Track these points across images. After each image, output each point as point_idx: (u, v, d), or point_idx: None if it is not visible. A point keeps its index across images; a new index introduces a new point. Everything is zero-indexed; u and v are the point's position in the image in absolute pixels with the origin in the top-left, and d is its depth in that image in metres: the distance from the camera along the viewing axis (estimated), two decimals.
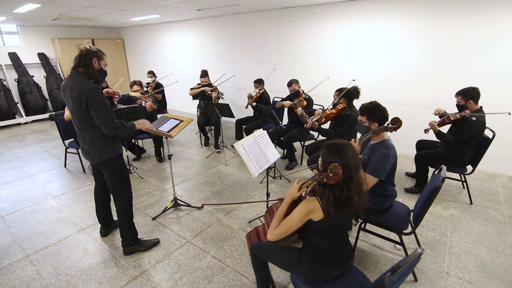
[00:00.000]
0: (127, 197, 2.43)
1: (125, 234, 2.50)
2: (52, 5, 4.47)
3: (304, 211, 1.47)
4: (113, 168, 2.32)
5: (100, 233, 2.76)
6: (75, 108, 2.09)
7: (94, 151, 2.23)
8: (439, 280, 2.20)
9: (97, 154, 2.23)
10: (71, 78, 2.09)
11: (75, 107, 2.08)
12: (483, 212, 3.11)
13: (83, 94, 2.00)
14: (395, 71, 4.44)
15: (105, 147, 2.23)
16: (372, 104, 2.21)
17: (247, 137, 2.46)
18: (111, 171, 2.33)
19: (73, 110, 2.13)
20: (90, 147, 2.23)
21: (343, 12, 4.66)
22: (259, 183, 3.78)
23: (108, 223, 2.77)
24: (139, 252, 2.53)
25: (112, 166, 2.31)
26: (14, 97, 6.99)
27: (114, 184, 2.38)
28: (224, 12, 5.84)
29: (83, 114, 2.09)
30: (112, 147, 2.27)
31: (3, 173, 4.18)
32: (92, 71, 2.10)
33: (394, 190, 2.27)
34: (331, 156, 1.46)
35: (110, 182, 2.39)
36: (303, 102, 3.97)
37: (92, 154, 2.25)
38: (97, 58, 2.11)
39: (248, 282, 2.20)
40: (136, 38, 8.60)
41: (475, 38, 3.74)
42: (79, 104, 2.04)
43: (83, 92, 2.00)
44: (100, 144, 2.21)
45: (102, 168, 2.36)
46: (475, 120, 2.97)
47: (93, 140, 2.19)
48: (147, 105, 4.25)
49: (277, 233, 1.54)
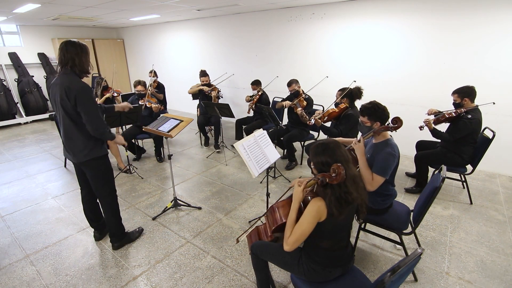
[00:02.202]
0: (112, 195, 2.45)
1: (114, 230, 2.53)
2: (52, 5, 4.46)
3: (314, 214, 1.44)
4: (98, 167, 2.30)
5: (94, 237, 2.69)
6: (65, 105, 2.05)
7: (80, 150, 2.19)
8: (439, 280, 2.20)
9: (82, 153, 2.20)
10: (61, 75, 2.07)
11: (65, 104, 2.05)
12: (483, 212, 3.11)
13: (73, 92, 1.99)
14: (395, 71, 4.44)
15: (91, 146, 2.21)
16: (371, 104, 2.22)
17: (247, 137, 2.46)
18: (96, 170, 2.30)
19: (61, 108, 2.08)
20: (75, 146, 2.19)
21: (343, 12, 4.66)
22: (259, 183, 3.78)
23: (101, 227, 2.70)
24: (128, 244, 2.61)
25: (97, 165, 2.29)
26: (14, 97, 6.99)
27: (98, 184, 2.36)
28: (224, 12, 5.84)
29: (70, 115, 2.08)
30: (98, 146, 2.26)
31: (3, 173, 4.18)
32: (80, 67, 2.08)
33: (394, 190, 2.27)
34: (319, 156, 1.48)
35: (94, 183, 2.35)
36: (303, 102, 3.97)
37: (77, 152, 2.20)
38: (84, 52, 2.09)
39: (248, 282, 2.20)
40: (136, 38, 8.60)
41: (475, 38, 3.74)
42: (68, 102, 2.02)
43: (73, 90, 1.99)
44: (86, 143, 2.19)
45: (86, 168, 2.31)
46: (470, 118, 2.98)
47: (79, 139, 2.17)
48: (154, 107, 4.26)
49: (292, 242, 1.49)
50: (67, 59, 2.04)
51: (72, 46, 2.06)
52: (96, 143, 2.24)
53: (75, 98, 2.01)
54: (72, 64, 2.05)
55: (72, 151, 2.23)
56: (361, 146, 2.15)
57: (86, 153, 2.21)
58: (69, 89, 2.00)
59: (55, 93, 2.08)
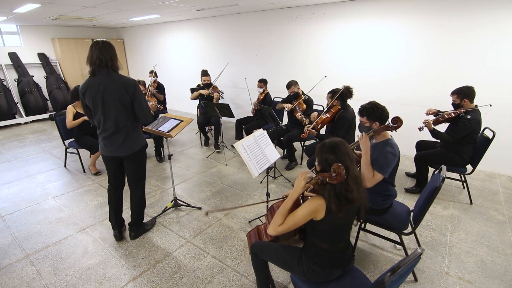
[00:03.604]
0: (144, 185, 2.64)
1: (139, 220, 2.70)
2: (52, 5, 4.47)
3: (310, 209, 1.46)
4: (142, 156, 2.52)
5: (115, 237, 2.67)
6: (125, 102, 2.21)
7: (132, 142, 2.38)
8: (439, 280, 2.21)
9: (135, 144, 2.40)
10: (106, 75, 2.17)
11: (118, 102, 2.20)
12: (483, 212, 3.11)
13: (130, 88, 2.20)
14: (395, 71, 4.44)
15: (141, 137, 2.46)
16: (370, 104, 2.22)
17: (247, 137, 2.46)
18: (140, 159, 2.51)
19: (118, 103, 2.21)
20: (128, 139, 2.35)
21: (343, 12, 4.66)
22: (259, 183, 3.78)
23: (121, 225, 2.76)
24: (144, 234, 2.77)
25: (142, 155, 2.51)
26: (14, 97, 6.99)
27: (138, 174, 2.54)
28: (224, 12, 5.84)
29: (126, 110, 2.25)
30: (143, 136, 2.50)
31: (3, 173, 4.18)
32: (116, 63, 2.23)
33: (394, 190, 2.27)
34: (325, 154, 1.47)
35: (135, 174, 2.53)
36: (303, 105, 3.96)
37: (130, 145, 2.38)
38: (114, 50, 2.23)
39: (248, 282, 2.20)
40: (136, 38, 8.60)
41: (475, 38, 3.74)
42: (125, 98, 2.20)
43: (130, 86, 2.20)
44: (137, 135, 2.41)
45: (133, 159, 2.45)
46: (470, 118, 2.98)
47: (131, 132, 2.36)
48: (152, 105, 4.26)
49: (281, 230, 1.52)
50: (106, 59, 2.15)
51: (109, 46, 2.18)
52: (140, 135, 2.46)
53: (133, 92, 2.22)
54: (111, 64, 2.19)
55: (125, 145, 2.37)
56: (367, 142, 2.12)
57: (139, 143, 2.44)
58: (127, 85, 2.20)
59: (103, 92, 2.18)
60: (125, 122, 2.30)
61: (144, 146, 2.52)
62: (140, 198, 2.63)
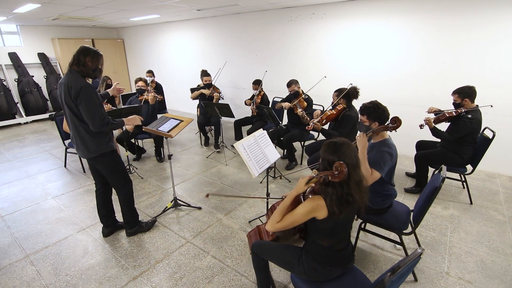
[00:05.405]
0: (127, 187, 2.58)
1: (128, 218, 2.68)
2: (52, 5, 4.47)
3: (309, 208, 1.46)
4: (107, 162, 2.42)
5: (102, 233, 2.75)
6: (69, 103, 2.16)
7: (86, 146, 2.30)
8: (439, 280, 2.21)
9: (89, 149, 2.30)
10: (66, 75, 2.17)
11: (68, 101, 2.15)
12: (483, 212, 3.11)
13: (74, 91, 2.09)
14: (395, 71, 4.44)
15: (97, 142, 2.30)
16: (372, 104, 2.22)
17: (247, 137, 2.46)
18: (106, 165, 2.43)
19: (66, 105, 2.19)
20: (82, 142, 2.29)
21: (343, 12, 4.66)
22: (259, 183, 3.78)
23: (111, 223, 2.76)
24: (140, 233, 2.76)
25: (106, 161, 2.40)
26: (14, 97, 6.99)
27: (112, 178, 2.51)
28: (224, 12, 5.84)
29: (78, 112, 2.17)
30: (105, 142, 2.34)
31: (3, 173, 4.18)
32: (85, 68, 2.16)
33: (394, 190, 2.27)
34: (329, 154, 1.47)
35: (108, 177, 2.50)
36: (303, 103, 3.96)
37: (84, 149, 2.31)
38: (91, 57, 2.17)
39: (248, 282, 2.20)
40: (136, 38, 8.60)
41: (475, 38, 3.74)
42: (71, 100, 2.13)
43: (74, 89, 2.09)
44: (92, 140, 2.28)
45: (96, 164, 2.44)
46: (470, 118, 2.98)
47: (85, 136, 2.26)
48: (150, 96, 4.26)
49: (279, 227, 1.53)
50: (74, 60, 2.15)
51: (84, 48, 2.17)
52: (102, 140, 2.32)
53: (75, 97, 2.11)
54: (77, 64, 2.14)
55: (80, 148, 2.33)
56: (364, 140, 2.13)
57: (93, 150, 2.31)
58: (71, 88, 2.10)
59: (61, 92, 2.18)
60: (78, 124, 2.22)
61: (109, 152, 2.38)
62: (124, 198, 2.61)
